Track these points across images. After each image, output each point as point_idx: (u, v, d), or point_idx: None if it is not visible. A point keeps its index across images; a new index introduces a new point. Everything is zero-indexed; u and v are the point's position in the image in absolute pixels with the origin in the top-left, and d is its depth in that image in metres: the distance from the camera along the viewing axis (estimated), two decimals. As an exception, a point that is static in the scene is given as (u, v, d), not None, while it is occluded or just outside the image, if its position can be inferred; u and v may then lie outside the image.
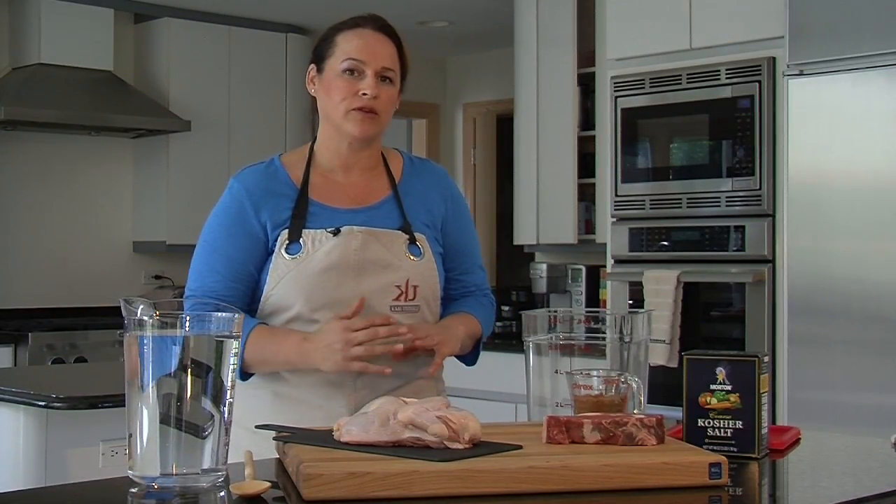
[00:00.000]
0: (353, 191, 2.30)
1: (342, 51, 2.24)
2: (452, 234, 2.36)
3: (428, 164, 2.44)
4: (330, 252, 2.20)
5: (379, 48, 2.24)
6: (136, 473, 1.60)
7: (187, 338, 1.61)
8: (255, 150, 6.56)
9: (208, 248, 2.28)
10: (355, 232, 2.22)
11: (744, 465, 1.85)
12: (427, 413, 1.70)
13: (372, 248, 2.22)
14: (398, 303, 2.23)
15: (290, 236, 2.22)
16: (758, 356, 1.90)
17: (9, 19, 6.20)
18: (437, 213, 2.34)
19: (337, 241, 2.21)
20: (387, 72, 2.24)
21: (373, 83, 2.22)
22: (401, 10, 2.23)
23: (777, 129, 4.30)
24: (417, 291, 2.25)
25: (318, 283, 2.19)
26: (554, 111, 5.58)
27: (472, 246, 2.42)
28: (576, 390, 1.92)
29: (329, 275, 2.20)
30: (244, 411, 2.17)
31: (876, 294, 3.88)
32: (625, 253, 4.78)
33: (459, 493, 1.55)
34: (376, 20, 2.28)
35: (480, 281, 2.42)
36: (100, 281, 6.43)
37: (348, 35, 2.26)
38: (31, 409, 3.19)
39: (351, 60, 2.22)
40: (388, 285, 2.22)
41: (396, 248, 2.25)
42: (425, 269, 2.26)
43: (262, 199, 2.26)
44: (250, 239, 2.24)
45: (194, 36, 6.55)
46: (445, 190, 2.38)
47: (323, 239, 2.21)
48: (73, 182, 6.40)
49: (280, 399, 2.24)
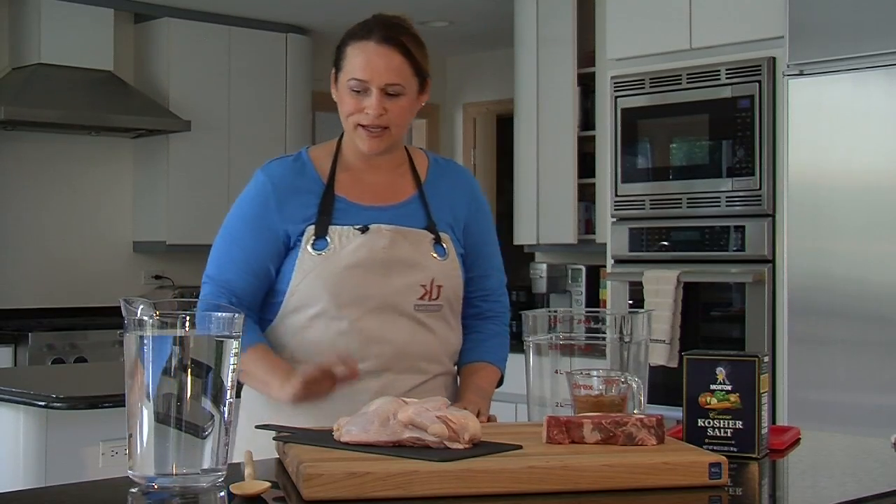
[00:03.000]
0: (379, 188, 2.30)
1: (349, 67, 2.23)
2: (474, 235, 2.37)
3: (453, 164, 2.45)
4: (357, 249, 2.21)
5: (382, 64, 2.21)
6: (136, 473, 1.60)
7: (187, 338, 1.62)
8: (255, 150, 6.57)
9: (229, 238, 2.28)
10: (383, 230, 2.23)
11: (744, 465, 1.85)
12: (427, 413, 1.70)
13: (399, 247, 2.23)
14: (422, 302, 2.24)
15: (317, 232, 2.22)
16: (758, 356, 1.90)
17: (9, 19, 6.20)
18: (460, 214, 2.35)
19: (364, 239, 2.22)
20: (392, 87, 2.21)
21: (376, 102, 2.20)
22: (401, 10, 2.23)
23: (777, 129, 4.30)
24: (441, 291, 2.26)
25: (345, 279, 2.20)
26: (554, 111, 5.58)
27: (493, 249, 2.43)
28: (576, 390, 1.92)
29: (355, 272, 2.20)
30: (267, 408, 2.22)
31: (876, 294, 3.88)
32: (625, 253, 4.78)
33: (459, 493, 1.55)
34: (383, 29, 2.23)
35: (498, 284, 2.43)
36: (100, 281, 6.43)
37: (354, 49, 2.23)
38: (31, 409, 3.19)
39: (355, 80, 2.22)
40: (413, 284, 2.23)
41: (423, 247, 2.26)
42: (450, 269, 2.28)
43: (288, 194, 2.26)
44: (270, 234, 2.24)
45: (194, 36, 6.55)
46: (469, 192, 2.39)
47: (350, 235, 2.22)
48: (73, 182, 6.40)
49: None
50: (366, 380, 2.19)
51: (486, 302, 2.39)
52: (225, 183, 6.50)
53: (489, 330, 2.39)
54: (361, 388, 2.17)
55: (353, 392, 2.15)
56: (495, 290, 2.42)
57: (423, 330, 2.25)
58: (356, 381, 2.13)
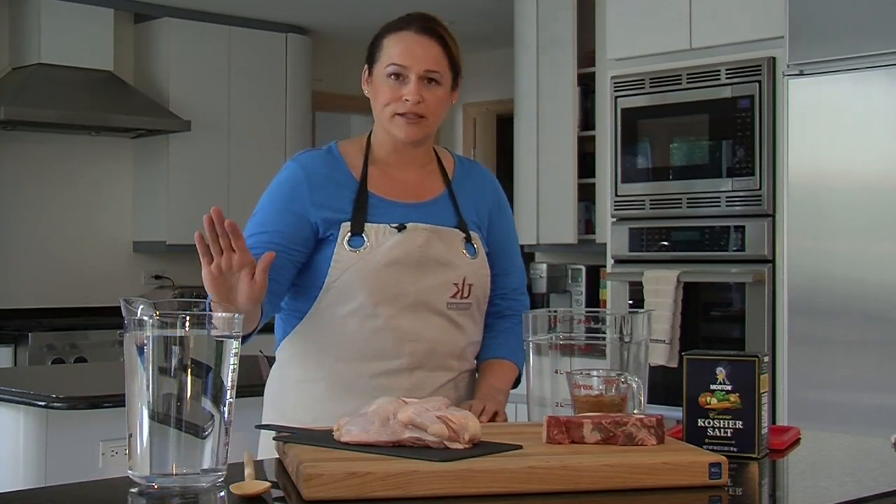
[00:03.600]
0: (410, 185, 2.33)
1: (387, 55, 2.27)
2: (497, 234, 2.40)
3: (477, 165, 2.50)
4: (393, 248, 2.22)
5: (421, 52, 2.25)
6: (136, 473, 1.60)
7: (187, 338, 1.61)
8: (255, 150, 6.57)
9: (256, 220, 2.27)
10: (420, 229, 2.25)
11: (744, 465, 1.85)
12: (427, 413, 1.70)
13: (434, 246, 2.26)
14: (454, 300, 2.27)
15: (353, 229, 2.23)
16: (758, 356, 1.90)
17: (9, 19, 6.20)
18: (484, 213, 2.38)
19: (401, 237, 2.23)
20: (431, 73, 2.25)
21: (415, 88, 2.24)
22: (401, 10, 2.24)
23: (777, 129, 4.30)
24: (472, 290, 2.29)
25: (381, 277, 2.21)
26: (554, 111, 5.58)
27: (514, 248, 2.46)
28: (576, 390, 1.92)
29: (391, 270, 2.22)
30: (297, 403, 2.24)
31: (876, 294, 3.88)
32: (625, 253, 4.78)
33: (459, 493, 1.55)
34: (421, 21, 2.29)
35: (518, 284, 2.45)
36: (100, 281, 6.43)
37: (392, 39, 2.28)
38: (31, 409, 3.19)
39: (394, 66, 2.25)
40: (446, 283, 2.26)
41: (455, 246, 2.28)
42: (479, 268, 2.31)
43: (321, 184, 2.27)
44: (300, 219, 2.24)
45: (194, 36, 6.55)
46: (494, 192, 2.43)
47: (387, 234, 2.23)
48: (73, 182, 6.40)
49: (335, 389, 2.24)
50: (399, 376, 2.23)
51: (506, 300, 2.41)
52: (225, 183, 6.51)
53: (508, 328, 2.40)
54: (394, 384, 2.21)
55: (387, 389, 2.16)
56: (516, 290, 2.44)
57: (453, 328, 2.28)
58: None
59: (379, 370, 2.23)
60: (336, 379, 2.26)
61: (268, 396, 2.37)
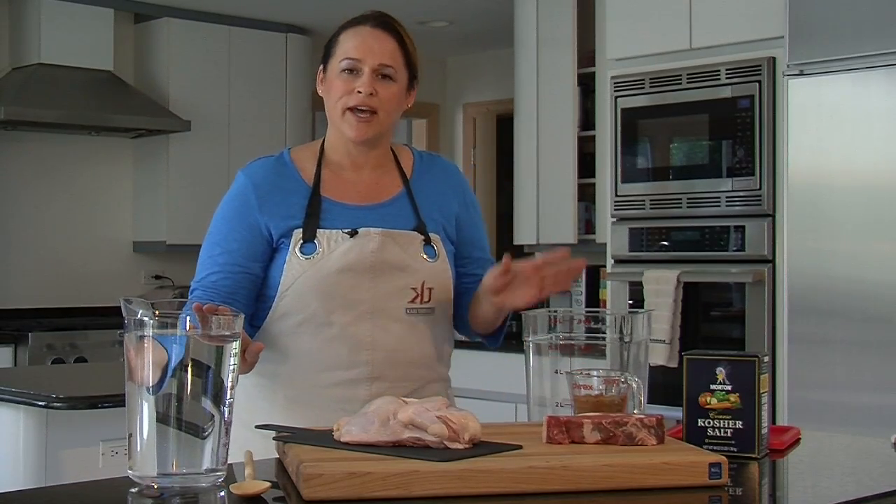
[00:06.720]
0: (364, 187, 2.27)
1: (342, 50, 2.24)
2: (465, 228, 2.34)
3: (438, 159, 2.42)
4: (346, 253, 2.17)
5: (376, 45, 2.21)
6: (136, 473, 1.60)
7: (187, 338, 1.61)
8: (255, 150, 6.50)
9: (212, 240, 2.26)
10: (372, 234, 2.19)
11: (744, 465, 1.85)
12: (427, 413, 1.70)
13: (389, 250, 2.19)
14: (413, 305, 2.21)
15: (305, 235, 2.18)
16: (758, 356, 1.90)
17: (9, 19, 6.20)
18: (449, 210, 2.31)
19: (353, 243, 2.18)
20: (385, 69, 2.21)
21: (368, 80, 2.20)
22: (401, 10, 2.24)
23: (777, 129, 4.30)
24: (433, 294, 2.23)
25: (334, 284, 2.16)
26: (554, 111, 5.58)
27: (484, 241, 2.40)
28: (576, 390, 1.92)
29: (344, 276, 2.16)
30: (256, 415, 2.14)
31: (876, 294, 3.88)
32: (625, 253, 4.78)
33: (459, 493, 1.55)
34: (377, 17, 2.26)
35: (489, 257, 2.40)
36: (100, 281, 6.43)
37: (348, 34, 2.25)
38: (31, 409, 3.19)
39: (348, 60, 2.22)
40: (403, 287, 2.20)
41: (412, 249, 2.22)
42: (440, 271, 2.24)
43: (269, 193, 2.23)
44: (252, 232, 2.21)
45: (194, 36, 6.55)
46: (457, 186, 2.36)
47: (339, 239, 2.18)
48: (73, 182, 6.40)
49: (292, 401, 2.20)
50: (357, 387, 2.17)
51: (484, 269, 2.30)
52: (225, 183, 6.43)
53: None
54: (353, 396, 2.15)
55: (344, 401, 2.13)
56: (490, 260, 2.36)
57: (415, 335, 2.22)
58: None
59: (335, 380, 2.17)
60: (292, 391, 2.20)
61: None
